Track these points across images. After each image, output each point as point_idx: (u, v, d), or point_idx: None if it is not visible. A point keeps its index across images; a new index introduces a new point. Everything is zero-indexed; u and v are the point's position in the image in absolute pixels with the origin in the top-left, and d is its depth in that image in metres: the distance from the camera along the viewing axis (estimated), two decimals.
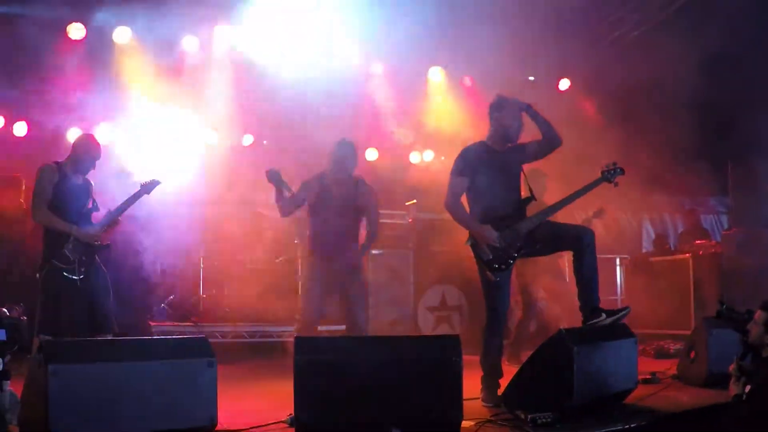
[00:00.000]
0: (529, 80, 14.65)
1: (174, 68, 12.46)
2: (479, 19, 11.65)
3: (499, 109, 7.33)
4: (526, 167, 7.54)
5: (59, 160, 7.87)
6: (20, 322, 5.66)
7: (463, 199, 7.31)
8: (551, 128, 7.34)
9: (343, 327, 8.49)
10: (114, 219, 8.03)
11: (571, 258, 7.12)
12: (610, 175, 7.38)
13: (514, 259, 7.09)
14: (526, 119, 7.37)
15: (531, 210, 7.31)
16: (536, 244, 7.21)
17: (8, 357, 5.46)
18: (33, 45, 10.77)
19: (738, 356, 6.01)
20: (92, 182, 8.10)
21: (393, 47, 12.85)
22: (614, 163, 7.43)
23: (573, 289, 7.24)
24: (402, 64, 13.55)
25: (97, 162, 7.99)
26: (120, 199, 8.12)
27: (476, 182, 7.21)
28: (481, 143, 7.38)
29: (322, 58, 12.99)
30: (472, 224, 7.12)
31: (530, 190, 7.37)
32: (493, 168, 7.22)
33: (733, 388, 6.01)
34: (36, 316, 7.50)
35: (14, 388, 5.48)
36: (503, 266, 7.04)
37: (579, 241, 7.02)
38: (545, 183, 9.55)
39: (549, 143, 7.38)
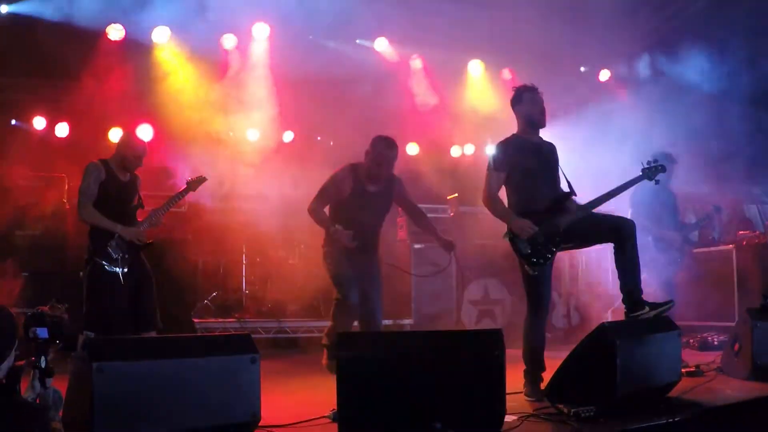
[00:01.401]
0: (578, 71, 14.64)
1: (213, 66, 12.53)
2: (517, 10, 11.63)
3: (518, 101, 7.36)
4: None
5: (105, 158, 7.94)
6: (62, 320, 5.69)
7: (502, 192, 7.28)
8: None
9: (390, 321, 8.22)
10: (159, 217, 8.09)
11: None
12: (651, 172, 7.35)
13: (553, 253, 7.04)
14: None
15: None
16: (576, 237, 7.17)
17: (51, 354, 5.52)
18: (72, 46, 10.85)
19: None
20: (139, 177, 8.15)
21: (432, 41, 12.86)
22: (655, 160, 7.39)
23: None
24: (441, 58, 13.54)
25: (144, 159, 8.06)
26: (163, 197, 8.18)
27: (513, 176, 7.19)
28: (515, 136, 7.36)
29: (361, 53, 13.04)
30: (511, 218, 7.07)
31: (569, 184, 7.32)
32: (530, 161, 7.19)
33: None
34: (82, 313, 7.58)
35: (59, 385, 5.53)
36: (542, 260, 7.00)
37: (620, 233, 6.96)
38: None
39: None
